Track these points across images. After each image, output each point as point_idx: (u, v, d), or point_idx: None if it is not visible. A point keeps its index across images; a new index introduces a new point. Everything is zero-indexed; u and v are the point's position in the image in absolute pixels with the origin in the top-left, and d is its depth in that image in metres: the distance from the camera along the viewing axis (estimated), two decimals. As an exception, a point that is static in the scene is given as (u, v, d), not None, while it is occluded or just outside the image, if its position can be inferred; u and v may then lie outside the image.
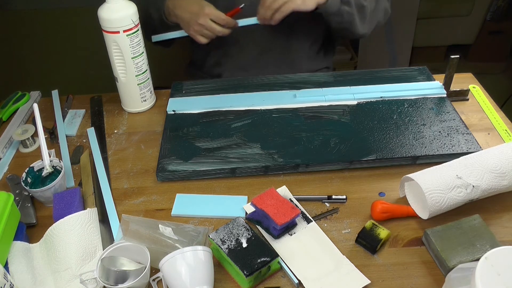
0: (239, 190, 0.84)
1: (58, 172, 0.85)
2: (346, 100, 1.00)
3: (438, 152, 0.86)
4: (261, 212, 0.74)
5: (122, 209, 0.82)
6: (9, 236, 0.74)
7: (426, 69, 1.10)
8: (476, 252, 0.67)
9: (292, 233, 0.74)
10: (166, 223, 0.74)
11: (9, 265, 0.72)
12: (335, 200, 0.80)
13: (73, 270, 0.71)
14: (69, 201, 0.79)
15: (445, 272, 0.66)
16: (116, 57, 0.97)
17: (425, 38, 2.35)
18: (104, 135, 0.99)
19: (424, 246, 0.72)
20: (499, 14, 2.30)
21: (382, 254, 0.72)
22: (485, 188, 0.74)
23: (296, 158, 0.86)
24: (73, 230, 0.74)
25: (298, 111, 0.98)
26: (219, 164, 0.86)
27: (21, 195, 0.84)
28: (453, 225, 0.71)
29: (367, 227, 0.73)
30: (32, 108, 1.00)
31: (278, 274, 0.70)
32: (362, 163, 0.86)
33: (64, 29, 2.11)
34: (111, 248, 0.70)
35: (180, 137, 0.93)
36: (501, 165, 0.75)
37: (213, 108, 1.00)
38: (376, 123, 0.94)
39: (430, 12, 2.25)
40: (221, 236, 0.70)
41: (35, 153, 0.96)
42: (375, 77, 1.08)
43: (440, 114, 0.95)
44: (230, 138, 0.92)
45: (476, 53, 2.47)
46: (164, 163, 0.87)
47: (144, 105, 1.05)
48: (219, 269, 0.71)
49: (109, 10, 0.92)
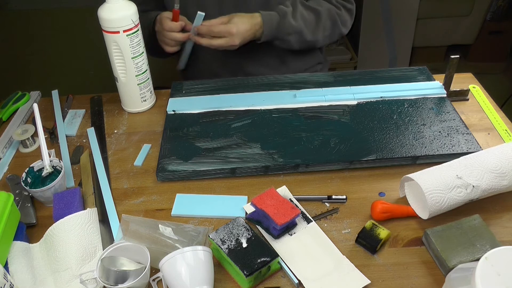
0: (239, 190, 0.84)
1: (58, 172, 0.85)
2: (346, 100, 1.00)
3: (438, 152, 0.86)
4: (261, 212, 0.74)
5: (122, 209, 0.82)
6: (9, 236, 0.74)
7: (426, 69, 1.10)
8: (476, 252, 0.67)
9: (292, 233, 0.74)
10: (166, 223, 0.74)
11: (9, 265, 0.72)
12: (335, 200, 0.80)
13: (73, 270, 0.71)
14: (69, 201, 0.79)
15: (445, 272, 0.66)
16: (116, 57, 0.97)
17: (425, 38, 2.35)
18: (104, 135, 0.99)
19: (424, 246, 0.72)
20: (499, 14, 2.31)
21: (382, 254, 0.72)
22: (485, 188, 0.74)
23: (296, 158, 0.86)
24: (73, 230, 0.74)
25: (298, 111, 0.98)
26: (219, 164, 0.86)
27: (21, 195, 0.84)
28: (453, 225, 0.71)
29: (367, 227, 0.73)
30: (32, 108, 1.00)
31: (278, 274, 0.70)
32: (362, 163, 0.86)
33: (64, 29, 2.11)
34: (111, 248, 0.70)
35: (180, 137, 0.93)
36: (501, 165, 0.75)
37: (213, 108, 1.00)
38: (376, 123, 0.94)
39: (430, 12, 2.25)
40: (221, 236, 0.70)
41: (35, 153, 0.96)
42: (375, 77, 1.08)
43: (440, 114, 0.95)
44: (230, 138, 0.92)
45: (476, 53, 2.47)
46: (164, 163, 0.87)
47: (144, 105, 1.05)
48: (219, 269, 0.71)
49: (109, 10, 0.92)
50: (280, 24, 1.06)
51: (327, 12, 1.12)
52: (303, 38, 1.10)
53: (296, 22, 1.07)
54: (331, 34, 1.15)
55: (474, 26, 2.37)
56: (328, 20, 1.12)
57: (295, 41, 1.10)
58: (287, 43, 1.10)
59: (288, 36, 1.08)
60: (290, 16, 1.07)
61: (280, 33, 1.07)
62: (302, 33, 1.09)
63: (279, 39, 1.09)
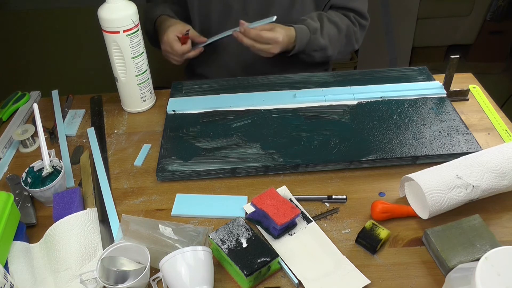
0: (239, 190, 0.84)
1: (58, 172, 0.85)
2: (346, 100, 1.00)
3: (438, 152, 0.86)
4: (261, 212, 0.74)
5: (122, 209, 0.82)
6: (9, 236, 0.74)
7: (426, 69, 1.10)
8: (476, 252, 0.67)
9: (292, 233, 0.74)
10: (166, 223, 0.74)
11: (9, 265, 0.72)
12: (335, 200, 0.80)
13: (73, 270, 0.71)
14: (69, 201, 0.79)
15: (445, 272, 0.66)
16: (116, 57, 0.97)
17: (425, 38, 2.35)
18: (104, 135, 0.99)
19: (424, 246, 0.72)
20: (499, 14, 2.31)
21: (382, 254, 0.72)
22: (485, 188, 0.74)
23: (296, 158, 0.86)
24: (73, 230, 0.74)
25: (298, 111, 0.98)
26: (219, 164, 0.86)
27: (21, 195, 0.84)
28: (453, 225, 0.71)
29: (367, 227, 0.73)
30: (32, 108, 1.00)
31: (278, 274, 0.70)
32: (362, 163, 0.86)
33: (64, 29, 2.11)
34: (111, 248, 0.70)
35: (180, 137, 0.93)
36: (501, 165, 0.75)
37: (213, 108, 1.00)
38: (376, 123, 0.94)
39: (430, 12, 2.25)
40: (221, 236, 0.70)
41: (35, 153, 0.96)
42: (375, 77, 1.08)
43: (440, 114, 0.95)
44: (230, 138, 0.92)
45: (476, 53, 2.47)
46: (164, 163, 0.87)
47: (144, 105, 1.05)
48: (219, 269, 0.71)
49: (109, 10, 0.92)
50: (310, 40, 1.09)
51: (346, 29, 1.15)
52: (325, 54, 1.14)
53: (323, 39, 1.10)
54: (344, 51, 1.20)
55: (474, 26, 2.37)
56: (345, 37, 1.15)
57: (319, 57, 1.14)
58: (311, 58, 1.14)
59: (314, 52, 1.12)
60: (319, 33, 1.09)
61: (308, 48, 1.10)
62: (327, 50, 1.13)
63: (305, 54, 1.12)
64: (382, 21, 2.18)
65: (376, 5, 2.12)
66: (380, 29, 2.20)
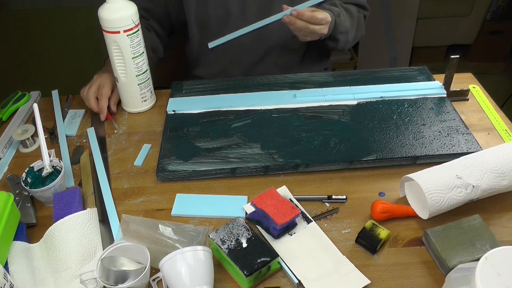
0: (239, 190, 0.84)
1: (58, 172, 0.85)
2: (346, 100, 1.00)
3: (438, 152, 0.86)
4: (261, 212, 0.74)
5: (122, 209, 0.82)
6: (9, 236, 0.74)
7: (426, 69, 1.10)
8: (476, 252, 0.67)
9: (292, 233, 0.74)
10: (166, 223, 0.74)
11: (9, 265, 0.72)
12: (335, 200, 0.80)
13: (73, 270, 0.71)
14: (69, 201, 0.79)
15: (445, 272, 0.66)
16: (116, 57, 0.97)
17: (425, 38, 2.35)
18: (104, 135, 0.99)
19: (424, 246, 0.72)
20: (499, 14, 2.30)
21: (382, 254, 0.72)
22: (485, 188, 0.74)
23: (296, 158, 0.86)
24: (73, 230, 0.74)
25: (298, 111, 0.98)
26: (219, 164, 0.86)
27: (21, 195, 0.84)
28: (453, 225, 0.71)
29: (367, 227, 0.73)
30: (32, 108, 1.00)
31: (278, 274, 0.70)
32: (362, 163, 0.86)
33: (64, 29, 2.10)
34: (111, 248, 0.70)
35: (180, 137, 0.93)
36: (501, 165, 0.75)
37: (213, 108, 1.00)
38: (376, 123, 0.94)
39: (430, 12, 2.25)
40: (221, 236, 0.70)
41: (35, 153, 0.96)
42: (375, 77, 1.08)
43: (440, 114, 0.95)
44: (230, 138, 0.92)
45: (476, 53, 2.47)
46: (164, 163, 0.87)
47: (144, 105, 1.05)
48: (219, 269, 0.71)
49: (109, 10, 0.92)
50: (336, 23, 1.06)
51: (357, 15, 1.14)
52: (347, 39, 1.12)
53: (346, 22, 1.09)
54: (355, 37, 1.17)
55: (474, 26, 2.37)
56: (356, 23, 1.14)
57: (342, 41, 1.11)
58: (335, 42, 1.11)
59: (340, 35, 1.09)
60: (342, 16, 1.08)
61: (335, 31, 1.08)
62: (348, 33, 1.11)
63: (331, 38, 1.10)
64: (382, 21, 2.18)
65: (376, 5, 2.12)
66: (380, 29, 2.20)
